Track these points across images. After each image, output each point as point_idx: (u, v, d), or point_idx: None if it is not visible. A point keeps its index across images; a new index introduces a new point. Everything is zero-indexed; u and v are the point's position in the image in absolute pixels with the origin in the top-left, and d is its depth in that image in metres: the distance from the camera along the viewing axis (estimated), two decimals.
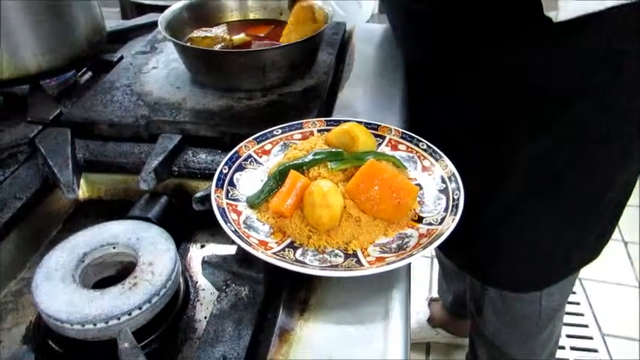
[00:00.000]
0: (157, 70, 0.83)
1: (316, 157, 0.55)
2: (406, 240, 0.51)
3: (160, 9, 0.87)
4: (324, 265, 0.48)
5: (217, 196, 0.54)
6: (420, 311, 1.59)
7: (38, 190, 0.61)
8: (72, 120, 0.71)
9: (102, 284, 0.51)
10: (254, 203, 0.54)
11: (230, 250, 0.52)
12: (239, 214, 0.53)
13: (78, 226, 0.60)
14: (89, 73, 0.88)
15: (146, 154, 0.65)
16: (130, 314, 0.45)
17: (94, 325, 0.44)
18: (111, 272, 0.53)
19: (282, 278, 0.49)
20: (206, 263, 0.50)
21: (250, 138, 0.62)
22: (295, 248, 0.50)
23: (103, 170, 0.66)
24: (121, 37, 0.96)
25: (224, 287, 0.48)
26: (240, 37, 0.82)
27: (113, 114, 0.71)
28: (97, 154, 0.67)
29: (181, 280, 0.53)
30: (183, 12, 0.85)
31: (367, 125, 0.63)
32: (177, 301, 0.51)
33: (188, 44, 0.80)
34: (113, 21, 1.00)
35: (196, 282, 0.56)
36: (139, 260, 0.50)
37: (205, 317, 0.52)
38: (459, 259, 1.01)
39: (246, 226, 0.52)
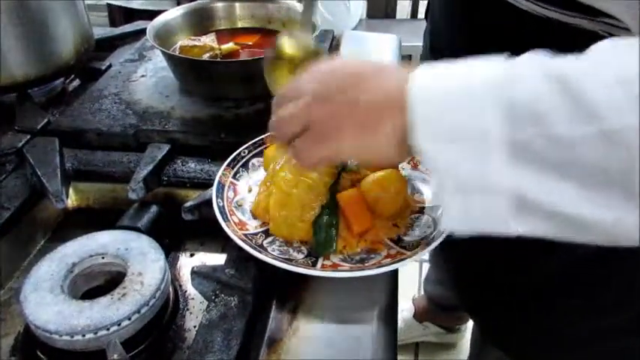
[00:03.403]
0: (146, 79, 0.83)
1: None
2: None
3: (149, 14, 0.88)
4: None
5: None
6: (404, 309, 1.60)
7: (26, 200, 0.61)
8: (60, 129, 0.71)
9: (91, 294, 0.51)
10: (329, 250, 0.52)
11: (219, 259, 0.53)
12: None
13: (67, 235, 0.60)
14: (77, 81, 0.88)
15: (135, 163, 0.66)
16: (119, 325, 0.46)
17: (83, 336, 0.45)
18: (100, 282, 0.53)
19: (272, 288, 0.49)
20: (195, 273, 0.50)
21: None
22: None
23: (91, 179, 0.66)
24: (109, 44, 0.96)
25: (213, 297, 0.48)
26: (228, 45, 0.83)
27: (101, 123, 0.72)
28: (86, 163, 0.67)
29: (171, 289, 0.54)
30: (172, 21, 0.86)
31: None
32: (167, 311, 0.52)
33: (177, 53, 0.80)
34: (101, 28, 1.00)
35: (186, 291, 0.56)
36: (128, 270, 0.50)
37: (195, 326, 0.52)
38: (464, 301, 0.84)
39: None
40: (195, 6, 0.90)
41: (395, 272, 0.53)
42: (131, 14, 1.65)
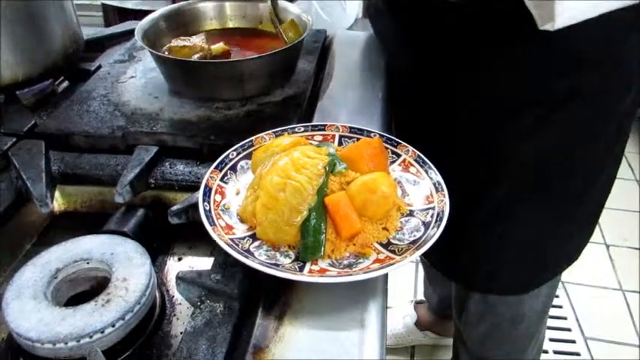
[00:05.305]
0: (135, 80, 0.82)
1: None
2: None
3: (143, 14, 0.87)
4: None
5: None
6: (407, 315, 1.59)
7: (12, 204, 0.60)
8: (47, 131, 0.70)
9: (75, 300, 0.50)
10: (316, 255, 0.50)
11: (208, 263, 0.52)
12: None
13: (53, 239, 0.59)
14: (66, 82, 0.87)
15: (122, 165, 0.65)
16: (102, 332, 0.45)
17: (66, 344, 0.44)
18: (84, 288, 0.52)
19: (258, 293, 0.49)
20: (180, 279, 0.49)
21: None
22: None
23: (78, 182, 0.65)
24: (99, 45, 0.95)
25: (199, 303, 0.47)
26: (218, 46, 0.82)
27: (89, 125, 0.71)
28: (73, 166, 0.66)
29: (157, 294, 0.53)
30: (161, 21, 0.85)
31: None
32: (153, 317, 0.51)
33: (166, 54, 0.79)
34: (91, 28, 0.99)
35: (173, 296, 0.55)
36: (113, 276, 0.49)
37: (181, 332, 0.51)
38: (441, 265, 1.01)
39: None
40: (185, 6, 0.89)
41: (385, 277, 0.53)
42: (126, 14, 1.64)
